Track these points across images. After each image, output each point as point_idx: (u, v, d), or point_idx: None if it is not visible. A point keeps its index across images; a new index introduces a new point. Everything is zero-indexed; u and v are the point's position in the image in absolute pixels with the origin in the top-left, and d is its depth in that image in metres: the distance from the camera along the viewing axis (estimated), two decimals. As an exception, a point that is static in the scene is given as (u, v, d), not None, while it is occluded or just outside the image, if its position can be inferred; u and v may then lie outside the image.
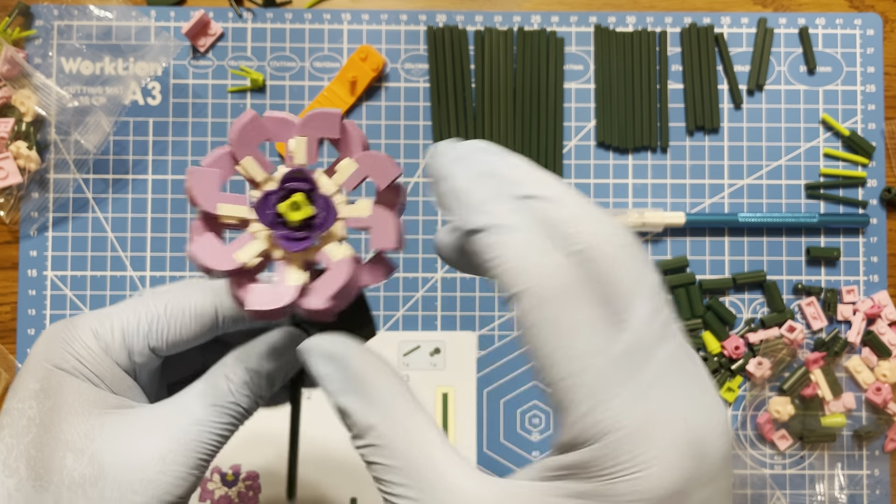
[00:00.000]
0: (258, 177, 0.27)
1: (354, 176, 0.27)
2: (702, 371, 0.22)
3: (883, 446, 0.56)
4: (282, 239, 0.26)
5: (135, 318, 0.30)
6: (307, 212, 0.26)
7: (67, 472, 0.27)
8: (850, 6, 0.58)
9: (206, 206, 0.26)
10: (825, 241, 0.57)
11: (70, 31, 0.57)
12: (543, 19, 0.58)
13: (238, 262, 0.26)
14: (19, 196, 0.56)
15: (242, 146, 0.27)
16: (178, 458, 0.28)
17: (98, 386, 0.29)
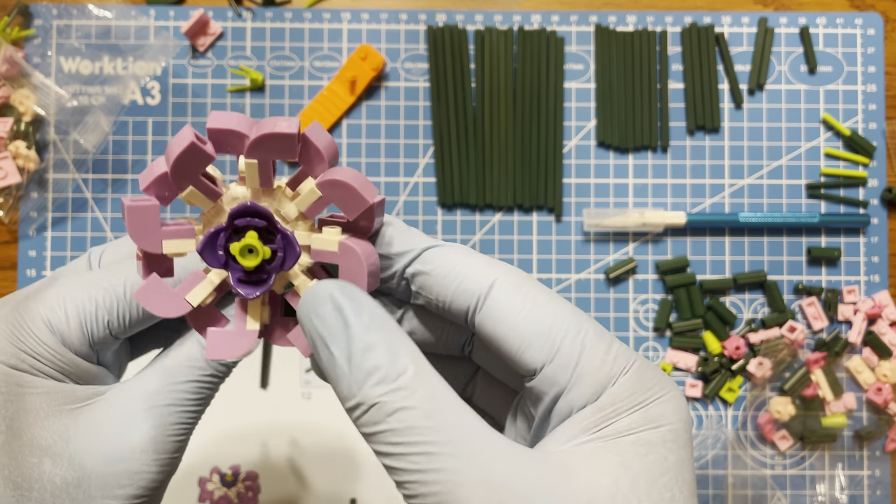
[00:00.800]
0: (205, 206, 0.24)
1: (317, 204, 0.23)
2: None
3: (883, 447, 0.56)
4: (237, 283, 0.23)
5: (91, 305, 0.27)
6: (264, 254, 0.23)
7: (48, 479, 0.26)
8: (851, 5, 0.58)
9: (151, 248, 0.24)
10: (826, 241, 0.57)
11: (69, 30, 0.56)
12: (544, 19, 0.57)
13: (190, 305, 0.24)
14: (18, 196, 0.55)
15: (181, 178, 0.23)
16: (160, 447, 0.27)
17: (62, 381, 0.27)
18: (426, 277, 0.24)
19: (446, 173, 0.56)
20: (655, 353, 0.56)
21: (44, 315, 0.27)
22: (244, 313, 0.25)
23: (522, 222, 0.57)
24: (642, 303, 0.56)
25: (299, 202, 0.23)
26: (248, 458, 0.55)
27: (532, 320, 0.22)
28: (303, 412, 0.55)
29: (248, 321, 0.24)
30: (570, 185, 0.57)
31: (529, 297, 0.23)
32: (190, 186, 0.23)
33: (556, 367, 0.21)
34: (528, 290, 0.23)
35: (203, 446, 0.54)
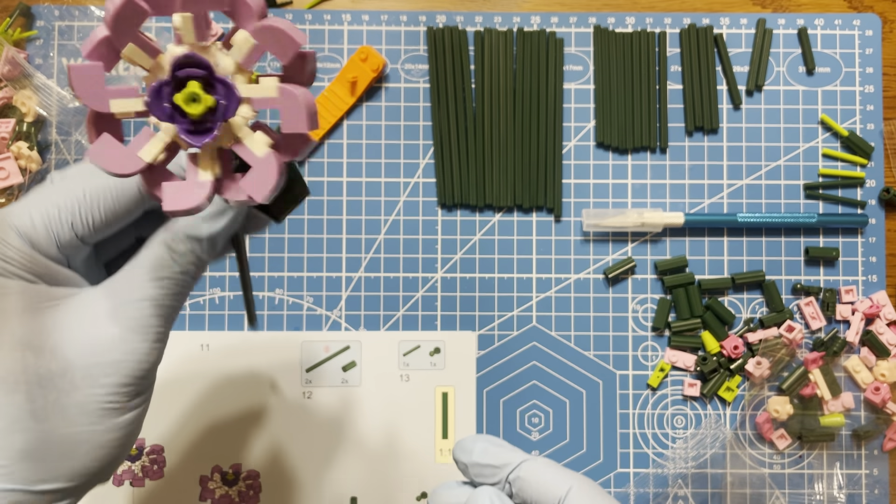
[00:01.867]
0: (146, 64, 0.24)
1: (253, 52, 0.24)
2: None
3: (881, 446, 0.56)
4: (183, 134, 0.24)
5: (54, 208, 0.29)
6: (207, 102, 0.24)
7: (33, 371, 0.27)
8: (849, 7, 0.59)
9: (98, 106, 0.24)
10: (824, 241, 0.57)
11: (71, 31, 0.57)
12: (543, 20, 0.58)
13: (143, 161, 0.25)
14: (20, 196, 0.56)
15: (120, 33, 0.24)
16: (137, 337, 0.28)
17: (34, 283, 0.28)
18: (522, 482, 0.33)
19: (446, 174, 0.57)
20: (654, 353, 0.56)
21: (11, 222, 0.28)
22: (195, 167, 0.25)
23: (522, 222, 0.57)
24: (641, 302, 0.57)
25: (234, 53, 0.24)
26: (250, 457, 0.55)
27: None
28: (303, 412, 0.55)
29: (200, 173, 0.25)
30: (570, 185, 0.57)
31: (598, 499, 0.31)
32: (130, 43, 0.24)
33: None
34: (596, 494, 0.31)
35: (204, 445, 0.55)
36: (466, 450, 0.37)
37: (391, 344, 0.56)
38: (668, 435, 0.56)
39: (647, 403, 0.56)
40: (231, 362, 0.55)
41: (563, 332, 0.56)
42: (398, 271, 0.56)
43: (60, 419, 0.27)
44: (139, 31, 0.24)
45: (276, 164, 0.24)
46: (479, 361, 0.56)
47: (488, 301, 0.56)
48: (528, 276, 0.57)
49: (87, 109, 0.25)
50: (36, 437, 0.27)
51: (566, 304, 0.56)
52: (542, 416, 0.56)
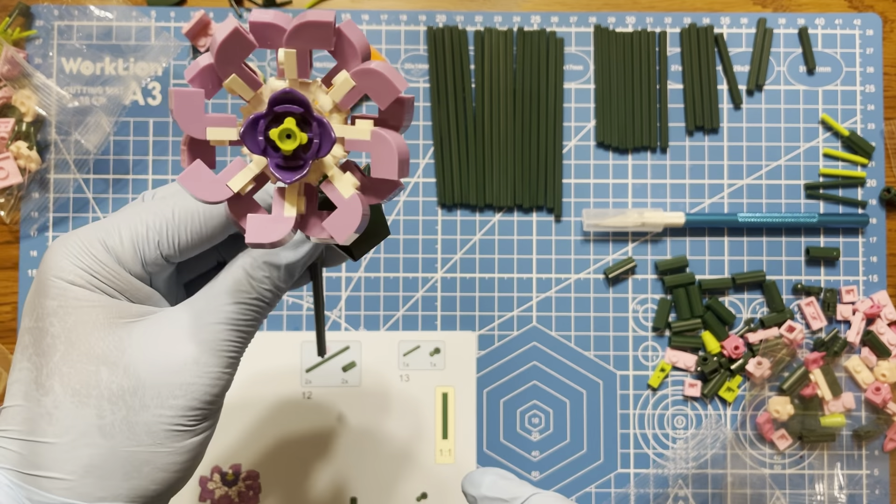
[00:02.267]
0: (246, 95, 0.25)
1: (352, 94, 0.25)
2: None
3: (882, 446, 0.56)
4: (274, 168, 0.25)
5: (143, 227, 0.29)
6: (300, 140, 0.24)
7: (105, 386, 0.27)
8: (850, 6, 0.59)
9: (194, 133, 0.25)
10: (824, 241, 0.57)
11: (70, 31, 0.57)
12: (543, 20, 0.58)
13: (231, 191, 0.25)
14: (20, 196, 0.56)
15: (225, 64, 0.24)
16: (211, 360, 0.28)
17: (116, 298, 0.29)
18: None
19: (446, 174, 0.57)
20: (655, 353, 0.56)
21: (100, 237, 0.29)
22: (282, 201, 0.25)
23: (522, 222, 0.57)
24: (641, 302, 0.57)
25: (334, 93, 0.25)
26: (249, 457, 0.55)
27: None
28: (303, 412, 0.55)
29: (286, 208, 0.25)
30: (570, 185, 0.57)
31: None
32: (233, 74, 0.24)
33: None
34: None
35: (204, 446, 0.55)
36: (475, 483, 0.38)
37: (391, 344, 0.56)
38: (668, 435, 0.56)
39: (647, 404, 0.56)
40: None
41: (563, 333, 0.56)
42: (398, 271, 0.56)
43: (127, 437, 0.27)
44: (243, 62, 0.24)
45: (361, 207, 0.25)
46: (479, 361, 0.56)
47: (488, 301, 0.56)
48: (528, 276, 0.57)
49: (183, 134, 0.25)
50: (101, 453, 0.27)
51: (566, 304, 0.56)
52: (543, 416, 0.56)
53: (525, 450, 0.56)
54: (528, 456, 0.56)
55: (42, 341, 0.28)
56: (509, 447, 0.56)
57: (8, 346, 0.55)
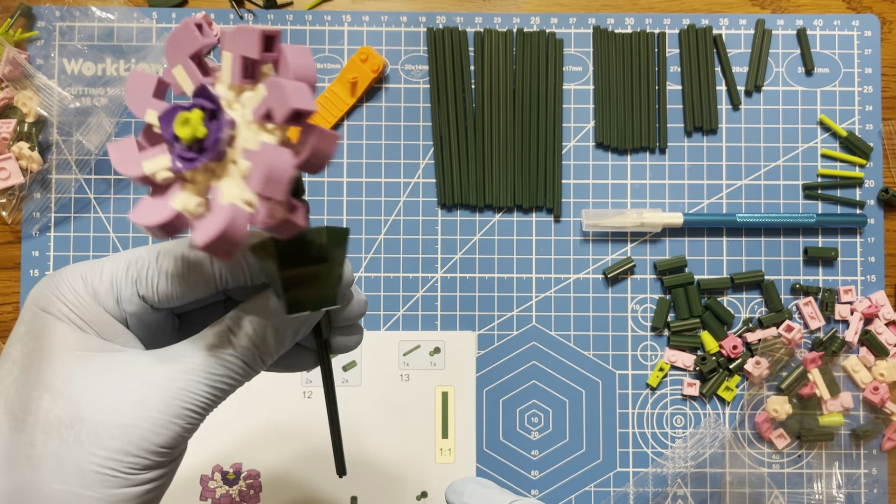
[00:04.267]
0: (187, 88, 0.25)
1: (262, 103, 0.24)
2: None
3: (880, 445, 0.56)
4: (172, 154, 0.25)
5: (124, 264, 0.29)
6: (196, 131, 0.24)
7: (43, 414, 0.26)
8: (848, 7, 0.59)
9: (135, 111, 0.25)
10: (823, 241, 0.57)
11: (72, 32, 0.57)
12: (542, 21, 0.58)
13: (143, 171, 0.25)
14: (21, 196, 0.56)
15: (174, 53, 0.25)
16: (157, 405, 0.26)
17: (84, 330, 0.28)
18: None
19: (446, 174, 0.57)
20: (653, 353, 0.57)
21: (83, 271, 0.29)
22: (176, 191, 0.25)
23: (522, 223, 0.57)
24: (640, 302, 0.57)
25: (247, 99, 0.25)
26: (250, 456, 0.55)
27: None
28: (304, 411, 0.55)
29: (174, 197, 0.25)
30: (569, 185, 0.57)
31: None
32: (179, 65, 0.25)
33: None
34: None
35: (205, 445, 0.55)
36: (458, 492, 0.38)
37: (391, 344, 0.56)
38: (667, 434, 0.56)
39: (646, 403, 0.56)
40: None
41: (562, 332, 0.56)
42: (398, 271, 0.57)
43: (54, 473, 0.25)
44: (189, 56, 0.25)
45: (227, 215, 0.23)
46: (479, 361, 0.56)
47: (488, 301, 0.57)
48: (527, 276, 0.57)
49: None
50: (23, 483, 0.26)
51: (566, 303, 0.57)
52: (542, 415, 0.56)
53: (524, 449, 0.56)
54: (528, 455, 0.56)
55: (3, 366, 0.27)
56: (509, 446, 0.56)
57: (10, 346, 0.56)
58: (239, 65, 0.24)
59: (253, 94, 0.25)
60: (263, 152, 0.23)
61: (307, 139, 0.24)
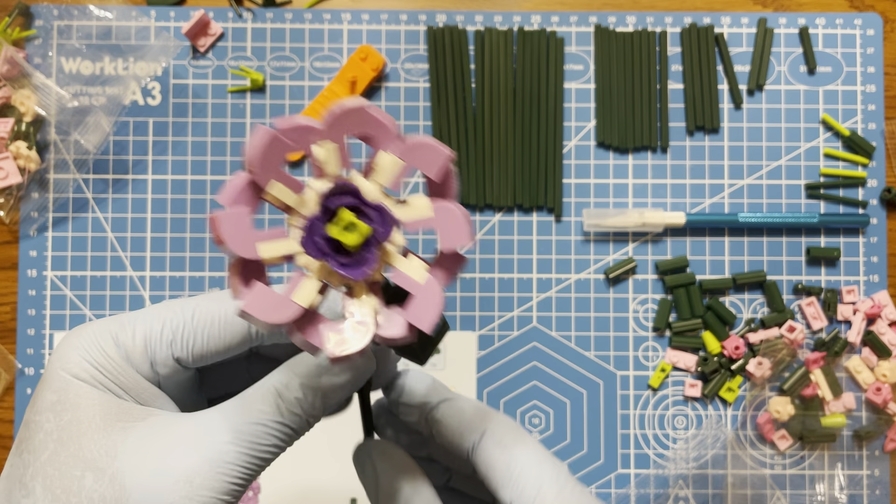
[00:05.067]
0: (291, 202, 0.23)
1: (402, 172, 0.23)
2: None
3: (883, 446, 0.56)
4: (340, 268, 0.23)
5: (158, 324, 0.27)
6: (363, 230, 0.23)
7: (87, 494, 0.25)
8: (851, 6, 0.58)
9: (247, 254, 0.23)
10: (825, 241, 0.57)
11: (70, 31, 0.57)
12: (543, 19, 0.58)
13: (301, 307, 0.23)
14: (19, 196, 0.56)
15: (265, 171, 0.23)
16: (206, 482, 0.25)
17: (120, 396, 0.27)
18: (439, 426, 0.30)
19: (446, 173, 0.57)
20: (655, 353, 0.56)
21: (112, 330, 0.27)
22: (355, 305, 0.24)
23: (522, 222, 0.57)
24: (642, 303, 0.56)
25: (380, 176, 0.23)
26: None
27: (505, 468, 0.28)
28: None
29: (360, 311, 0.23)
30: (570, 185, 0.57)
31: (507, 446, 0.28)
32: (272, 180, 0.23)
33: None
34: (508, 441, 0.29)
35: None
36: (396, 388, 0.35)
37: (391, 344, 0.56)
38: (668, 436, 0.56)
39: (647, 404, 0.56)
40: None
41: (563, 333, 0.56)
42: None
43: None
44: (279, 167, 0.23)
45: (440, 289, 0.23)
46: (480, 362, 0.56)
47: (488, 301, 0.56)
48: (528, 276, 0.56)
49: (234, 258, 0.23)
50: None
51: (567, 304, 0.56)
52: (543, 416, 0.56)
53: (525, 450, 0.56)
54: (529, 456, 0.56)
55: (35, 437, 0.26)
56: (509, 447, 0.56)
57: (7, 347, 0.55)
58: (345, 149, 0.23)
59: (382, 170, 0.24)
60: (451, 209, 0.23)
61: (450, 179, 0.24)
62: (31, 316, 0.55)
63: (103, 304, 0.56)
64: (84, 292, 0.56)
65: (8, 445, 0.55)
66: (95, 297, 0.56)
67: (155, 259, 0.56)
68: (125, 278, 0.56)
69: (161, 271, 0.56)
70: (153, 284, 0.56)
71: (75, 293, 0.56)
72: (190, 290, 0.56)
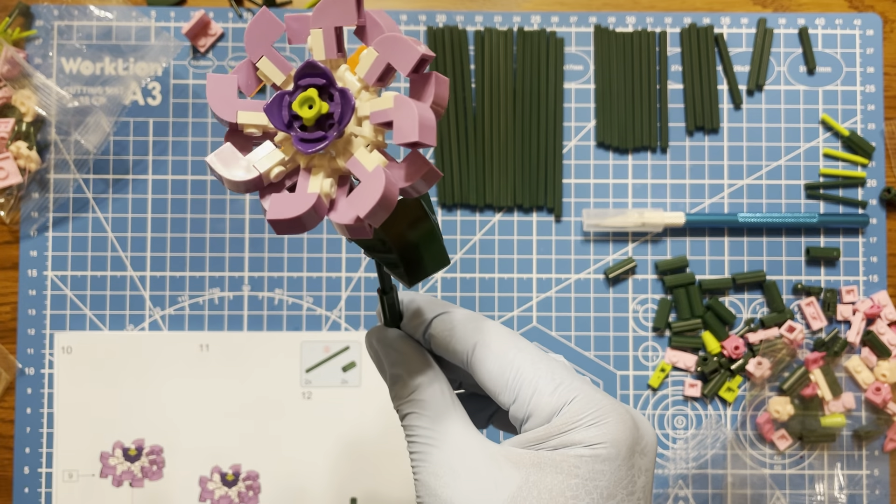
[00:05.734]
0: (277, 79, 0.25)
1: (375, 64, 0.24)
2: None
3: (882, 446, 0.56)
4: (296, 140, 0.24)
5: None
6: (321, 108, 0.24)
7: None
8: (850, 6, 0.59)
9: (225, 115, 0.25)
10: (825, 241, 0.57)
11: (70, 31, 0.57)
12: (543, 19, 0.58)
13: (257, 171, 0.25)
14: (19, 196, 0.56)
15: (256, 46, 0.25)
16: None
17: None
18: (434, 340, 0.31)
19: (446, 173, 0.57)
20: (655, 353, 0.56)
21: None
22: (308, 178, 0.25)
23: (522, 222, 0.57)
24: (641, 303, 0.56)
25: (359, 68, 0.24)
26: (249, 457, 0.55)
27: (499, 374, 0.29)
28: (303, 412, 0.55)
29: (309, 184, 0.25)
30: (570, 185, 0.57)
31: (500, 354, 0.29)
32: (263, 56, 0.25)
33: (517, 407, 0.29)
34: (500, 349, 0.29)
35: (204, 445, 0.55)
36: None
37: (391, 344, 0.56)
38: (668, 435, 0.56)
39: (647, 404, 0.56)
40: (231, 362, 0.55)
41: (563, 333, 0.56)
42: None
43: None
44: (272, 45, 0.25)
45: (384, 180, 0.23)
46: (480, 362, 0.56)
47: (488, 301, 0.56)
48: (528, 276, 0.56)
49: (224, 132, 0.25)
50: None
51: (566, 304, 0.56)
52: (543, 416, 0.56)
53: (525, 450, 0.56)
54: (529, 456, 0.56)
55: None
56: (509, 447, 0.56)
57: (7, 346, 0.55)
58: (333, 37, 0.25)
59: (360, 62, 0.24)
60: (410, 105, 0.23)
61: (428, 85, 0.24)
62: (31, 316, 0.55)
63: (103, 304, 0.56)
64: (84, 292, 0.56)
65: (9, 445, 0.55)
66: (95, 297, 0.56)
67: (155, 259, 0.56)
68: (125, 278, 0.56)
69: (161, 271, 0.56)
70: (153, 284, 0.56)
71: (75, 293, 0.56)
72: (190, 289, 0.56)
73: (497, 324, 0.31)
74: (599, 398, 0.27)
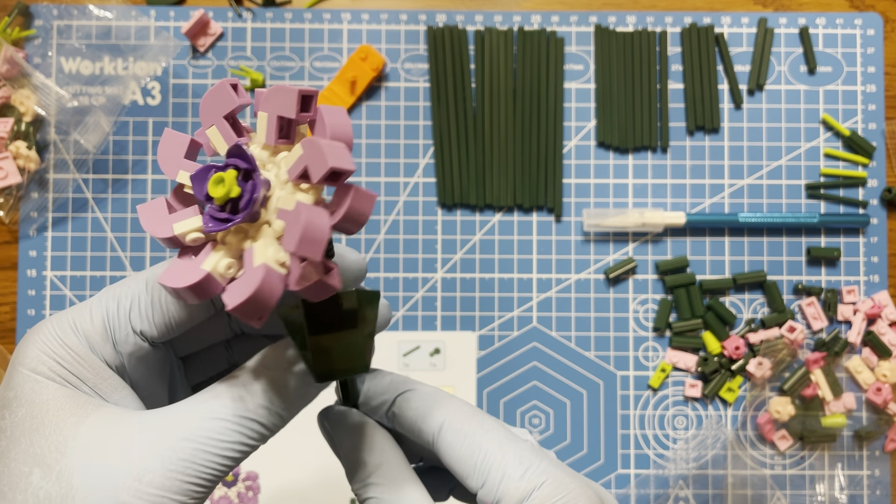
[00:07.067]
0: (221, 149, 0.25)
1: (297, 163, 0.23)
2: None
3: (883, 447, 0.56)
4: (205, 215, 0.24)
5: (114, 302, 0.26)
6: (230, 191, 0.23)
7: (32, 491, 0.23)
8: (851, 6, 0.58)
9: (168, 172, 0.25)
10: (825, 241, 0.57)
11: (69, 30, 0.56)
12: (543, 19, 0.57)
13: (174, 232, 0.24)
14: (19, 196, 0.56)
15: (208, 115, 0.25)
16: (157, 480, 0.23)
17: (79, 388, 0.25)
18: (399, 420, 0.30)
19: (446, 173, 0.57)
20: (655, 354, 0.56)
21: (71, 318, 0.26)
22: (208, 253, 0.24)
23: (522, 222, 0.57)
24: (642, 303, 0.56)
25: (285, 159, 0.24)
26: (249, 458, 0.55)
27: (468, 457, 0.28)
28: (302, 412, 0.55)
29: (206, 260, 0.24)
30: (570, 185, 0.57)
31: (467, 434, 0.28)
32: (213, 125, 0.25)
33: (485, 492, 0.27)
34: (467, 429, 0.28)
35: (203, 446, 0.54)
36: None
37: (391, 344, 0.56)
38: (669, 436, 0.56)
39: (647, 404, 0.56)
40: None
41: (563, 333, 0.56)
42: (398, 271, 0.56)
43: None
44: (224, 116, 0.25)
45: (260, 276, 0.22)
46: (480, 362, 0.56)
47: (488, 301, 0.56)
48: (528, 276, 0.56)
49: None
50: None
51: (567, 304, 0.56)
52: (543, 416, 0.56)
53: (525, 450, 0.56)
54: (529, 456, 0.56)
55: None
56: (509, 448, 0.56)
57: (7, 347, 0.55)
58: (275, 125, 0.24)
59: (288, 155, 0.24)
60: (299, 212, 0.22)
61: (343, 199, 0.23)
62: (30, 316, 0.55)
63: (103, 304, 0.56)
64: (84, 292, 0.56)
65: (7, 445, 0.55)
66: (95, 297, 0.56)
67: (155, 259, 0.56)
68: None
69: (161, 271, 0.56)
70: (153, 284, 0.56)
71: (75, 293, 0.56)
72: (190, 290, 0.56)
73: (462, 401, 0.29)
74: (568, 482, 0.26)
